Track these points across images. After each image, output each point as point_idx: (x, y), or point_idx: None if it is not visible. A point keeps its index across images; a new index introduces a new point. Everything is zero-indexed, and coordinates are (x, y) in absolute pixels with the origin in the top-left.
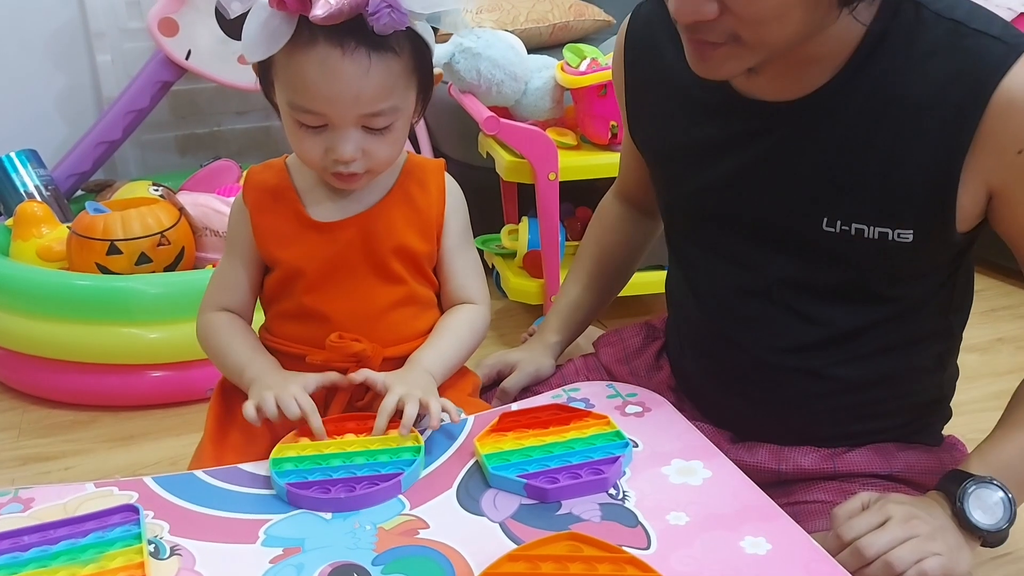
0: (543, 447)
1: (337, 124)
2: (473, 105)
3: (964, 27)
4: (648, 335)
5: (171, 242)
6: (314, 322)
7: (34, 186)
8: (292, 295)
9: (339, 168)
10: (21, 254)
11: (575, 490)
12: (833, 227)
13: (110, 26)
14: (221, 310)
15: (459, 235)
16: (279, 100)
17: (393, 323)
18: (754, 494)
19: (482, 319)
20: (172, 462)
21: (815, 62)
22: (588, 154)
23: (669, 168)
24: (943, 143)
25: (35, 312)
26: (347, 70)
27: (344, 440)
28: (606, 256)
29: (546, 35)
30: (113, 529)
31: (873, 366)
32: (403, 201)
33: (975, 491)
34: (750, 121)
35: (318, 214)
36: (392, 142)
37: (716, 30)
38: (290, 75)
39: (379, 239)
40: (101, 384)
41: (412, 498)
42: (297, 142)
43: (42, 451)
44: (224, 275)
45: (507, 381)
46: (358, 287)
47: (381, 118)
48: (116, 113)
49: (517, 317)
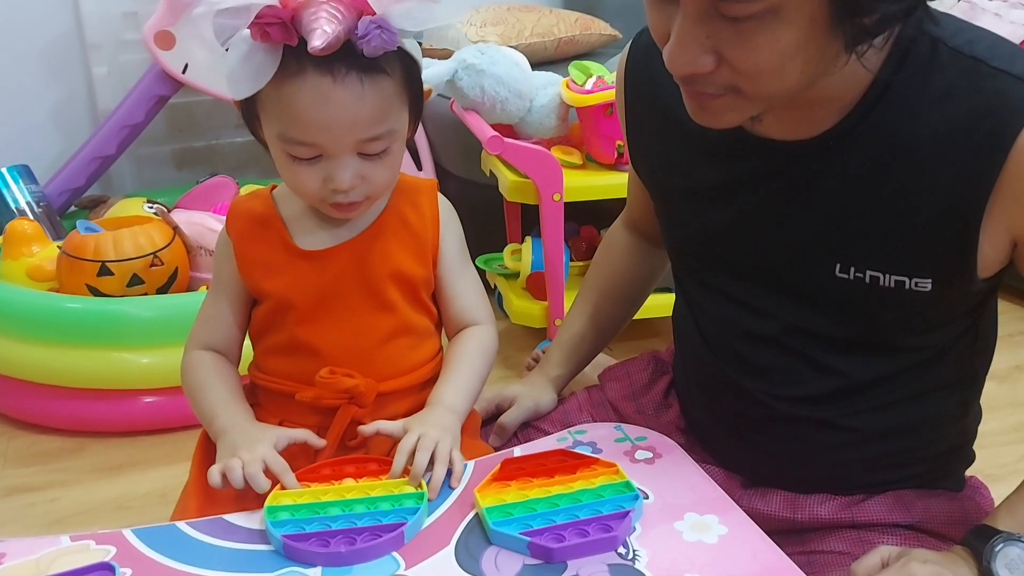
0: (548, 499)
1: (333, 153)
2: (476, 123)
3: (984, 66)
4: (656, 369)
5: (164, 263)
6: (305, 356)
7: (25, 203)
8: (282, 328)
9: (338, 198)
10: (11, 274)
11: (582, 549)
12: (847, 274)
13: (106, 38)
14: (206, 348)
15: (456, 255)
16: (267, 134)
17: (389, 355)
18: (774, 555)
19: (491, 341)
20: (161, 494)
21: (824, 103)
22: (594, 174)
23: (673, 208)
24: (962, 188)
25: (23, 335)
26: (340, 97)
27: (342, 486)
28: (613, 288)
29: (551, 49)
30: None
31: (892, 416)
32: (396, 224)
33: (1003, 549)
34: (758, 161)
35: (307, 243)
36: (389, 165)
37: (713, 82)
38: (280, 108)
39: (373, 266)
40: (90, 410)
41: (408, 556)
42: (291, 176)
43: (27, 481)
44: (209, 312)
45: (505, 416)
46: (352, 318)
47: (378, 142)
48: (111, 128)
49: (520, 340)
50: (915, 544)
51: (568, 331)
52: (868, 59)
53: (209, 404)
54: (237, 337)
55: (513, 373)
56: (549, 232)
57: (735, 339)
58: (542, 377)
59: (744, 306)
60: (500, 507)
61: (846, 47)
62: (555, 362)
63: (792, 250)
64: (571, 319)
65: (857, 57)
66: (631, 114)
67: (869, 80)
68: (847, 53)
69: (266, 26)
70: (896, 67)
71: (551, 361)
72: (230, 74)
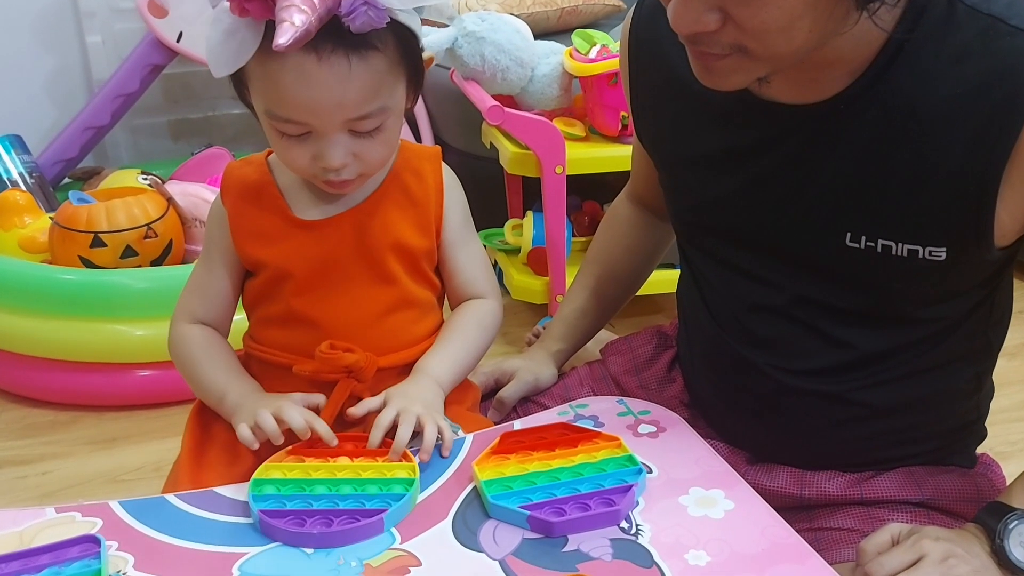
0: (549, 472)
1: (321, 132)
2: (476, 93)
3: (1003, 24)
4: (659, 343)
5: (158, 234)
6: (302, 328)
7: (18, 173)
8: (278, 299)
9: (329, 176)
10: (2, 245)
11: (584, 523)
12: (857, 243)
13: (100, 6)
14: (196, 322)
15: (460, 227)
16: (256, 108)
17: (389, 329)
18: (782, 529)
19: (492, 314)
20: (155, 467)
21: (834, 65)
22: (597, 146)
23: (678, 177)
24: (977, 153)
25: (15, 307)
26: (325, 77)
27: (334, 464)
28: (615, 263)
29: (554, 19)
30: (71, 564)
31: (903, 390)
32: (398, 193)
33: (1017, 527)
34: (766, 126)
35: (305, 212)
36: (384, 142)
37: (719, 42)
38: (265, 85)
39: (373, 236)
40: (83, 383)
41: (403, 530)
42: (282, 151)
43: (19, 454)
44: (200, 282)
45: (504, 391)
46: (351, 290)
47: (369, 120)
48: (104, 97)
49: (521, 316)
50: (926, 521)
51: (570, 306)
52: (881, 17)
53: (215, 380)
54: (228, 309)
55: (514, 349)
56: (551, 206)
57: (742, 311)
58: (542, 351)
59: (751, 277)
60: (499, 480)
61: (857, 5)
62: (556, 336)
63: (800, 219)
64: (573, 294)
65: (869, 15)
66: (635, 79)
67: (882, 40)
68: (858, 11)
69: (244, 1)
70: (911, 26)
71: (552, 335)
72: (211, 50)
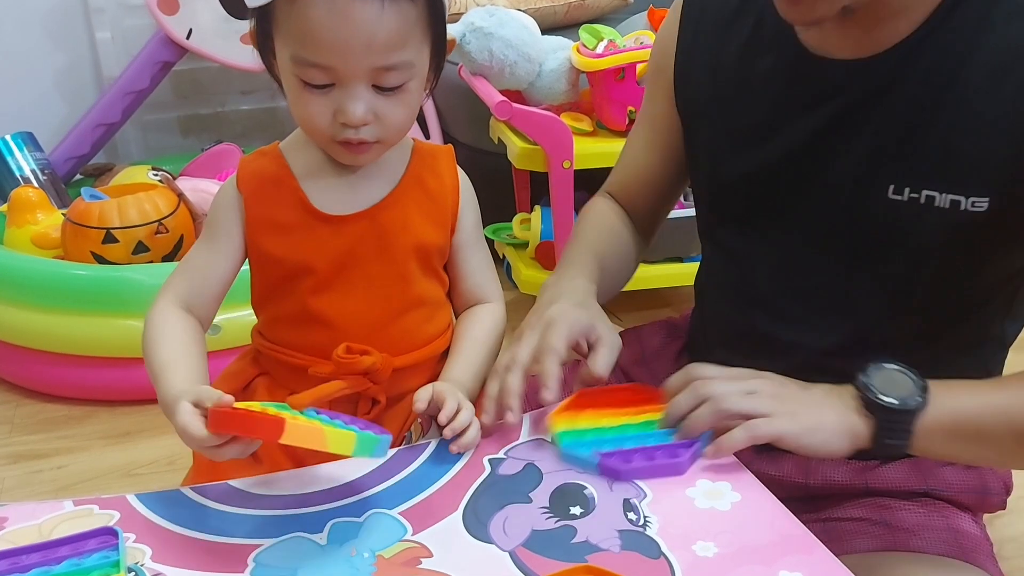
0: (618, 427)
1: (346, 79)
2: (484, 88)
3: None
4: (668, 334)
5: (169, 230)
6: (317, 327)
7: (30, 170)
8: (293, 296)
9: (348, 134)
10: (16, 241)
11: (648, 471)
12: (900, 194)
13: (110, 2)
14: (182, 304)
15: (472, 229)
16: (281, 59)
17: (404, 328)
18: (789, 521)
19: (502, 321)
20: (169, 461)
21: (898, 15)
22: (605, 141)
23: (720, 147)
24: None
25: (29, 303)
26: (358, 12)
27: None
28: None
29: (561, 14)
30: (90, 555)
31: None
32: (417, 190)
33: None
34: (818, 83)
35: (324, 204)
36: (406, 104)
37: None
38: (293, 24)
39: (395, 235)
40: (97, 378)
41: (414, 522)
42: (302, 106)
43: (34, 448)
44: (196, 265)
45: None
46: (368, 288)
47: (394, 73)
48: (115, 94)
49: (528, 309)
50: (932, 512)
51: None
52: None
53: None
54: (217, 298)
55: None
56: (559, 200)
57: (773, 286)
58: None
59: (785, 248)
60: (572, 431)
61: None
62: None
63: (844, 173)
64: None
65: None
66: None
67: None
68: None
69: None
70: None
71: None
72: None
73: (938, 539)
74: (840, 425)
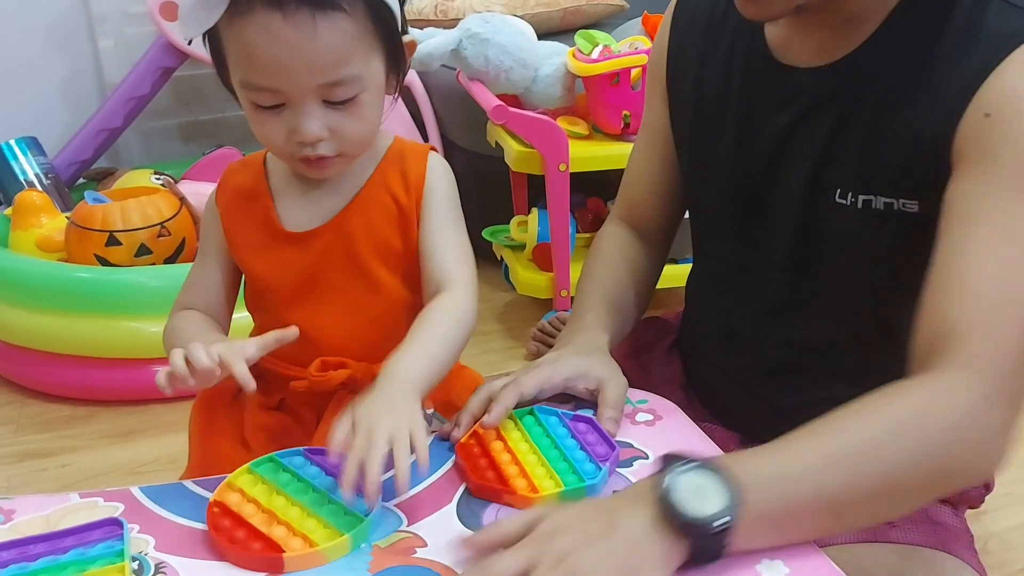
0: None
1: (295, 99)
2: (481, 93)
3: None
4: (659, 330)
5: (171, 233)
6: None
7: (34, 174)
8: (270, 310)
9: (306, 151)
10: (20, 244)
11: None
12: (845, 199)
13: (112, 10)
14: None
15: (439, 212)
16: (233, 81)
17: (382, 334)
18: None
19: (463, 306)
20: (170, 460)
21: (854, 21)
22: (600, 144)
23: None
24: (947, 109)
25: (34, 304)
26: (290, 35)
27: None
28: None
29: (557, 20)
30: (95, 545)
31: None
32: (382, 194)
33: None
34: (781, 90)
35: (291, 221)
36: (360, 118)
37: None
38: (235, 49)
39: (357, 243)
40: (101, 378)
41: (410, 514)
42: (258, 127)
43: (39, 447)
44: (196, 277)
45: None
46: (341, 299)
47: (342, 88)
48: (117, 100)
49: (526, 311)
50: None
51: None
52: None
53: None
54: (224, 303)
55: (519, 344)
56: (555, 203)
57: (745, 283)
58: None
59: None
60: None
61: None
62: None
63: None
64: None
65: None
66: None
67: None
68: None
69: None
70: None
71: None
72: (182, 13)
73: (917, 530)
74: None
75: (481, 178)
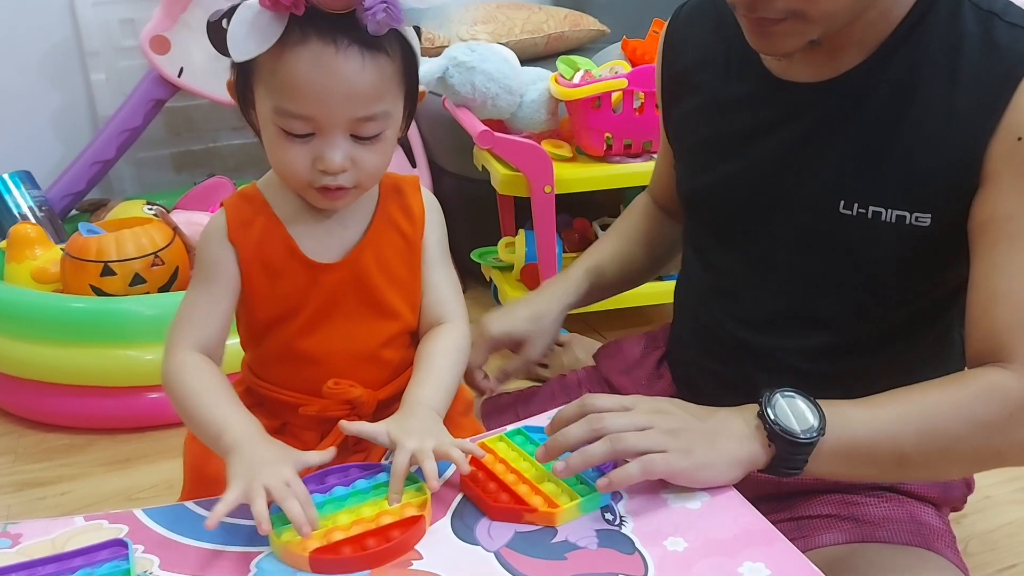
0: None
1: (326, 129)
2: (467, 119)
3: (999, 20)
4: (648, 344)
5: (165, 262)
6: (303, 364)
7: (27, 207)
8: (281, 337)
9: (326, 180)
10: (15, 277)
11: None
12: (850, 210)
13: (104, 44)
14: (196, 348)
15: (435, 247)
16: (262, 108)
17: (387, 360)
18: (753, 517)
19: (466, 338)
20: (168, 486)
21: (853, 44)
22: (584, 166)
23: (695, 159)
24: (970, 127)
25: (30, 335)
26: (341, 67)
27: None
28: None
29: (541, 46)
30: (101, 565)
31: (883, 379)
32: (390, 230)
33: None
34: (783, 105)
35: (309, 249)
36: (381, 152)
37: (776, 7)
38: (279, 77)
39: (373, 275)
40: (97, 407)
41: None
42: (281, 154)
43: (38, 476)
44: (199, 310)
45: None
46: (354, 327)
47: (372, 124)
48: (110, 132)
49: None
50: (896, 507)
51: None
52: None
53: (212, 415)
54: (225, 335)
55: (505, 361)
56: (541, 224)
57: (740, 291)
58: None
59: (750, 256)
60: None
61: None
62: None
63: (800, 189)
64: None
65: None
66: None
67: (895, 24)
68: None
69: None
70: (923, 11)
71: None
72: (233, 37)
73: (901, 530)
74: (734, 455)
75: (469, 201)
